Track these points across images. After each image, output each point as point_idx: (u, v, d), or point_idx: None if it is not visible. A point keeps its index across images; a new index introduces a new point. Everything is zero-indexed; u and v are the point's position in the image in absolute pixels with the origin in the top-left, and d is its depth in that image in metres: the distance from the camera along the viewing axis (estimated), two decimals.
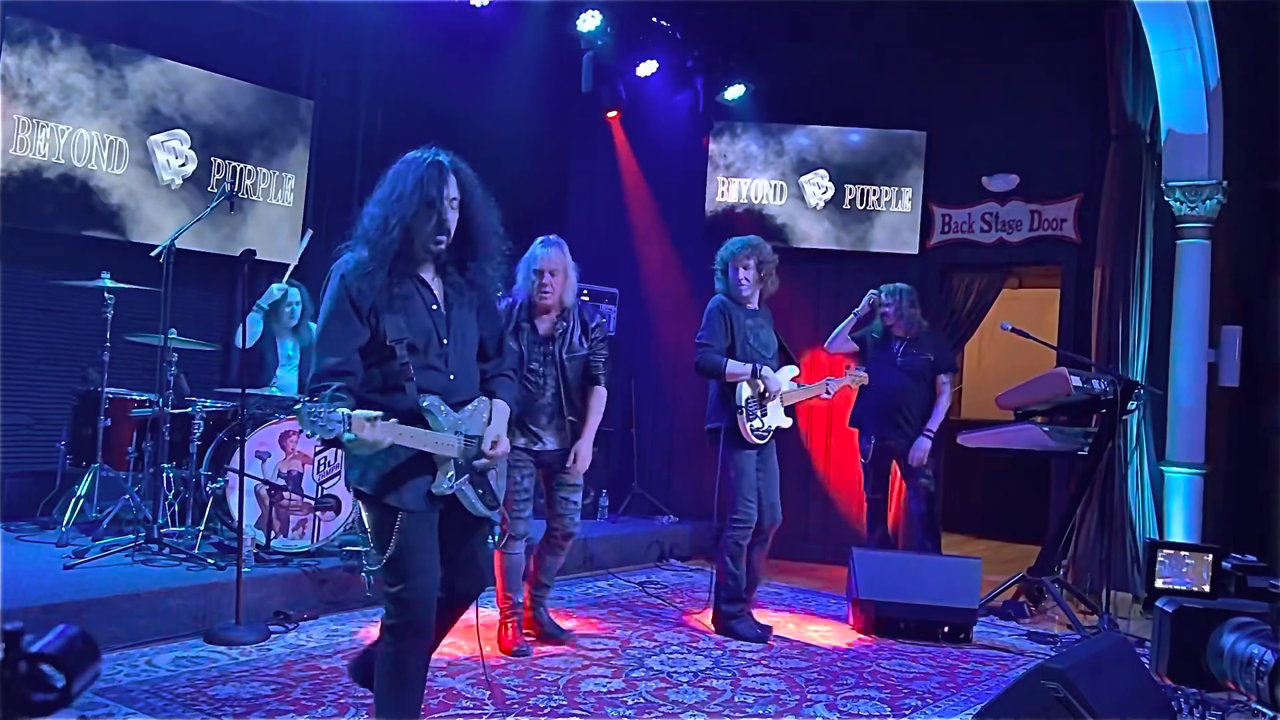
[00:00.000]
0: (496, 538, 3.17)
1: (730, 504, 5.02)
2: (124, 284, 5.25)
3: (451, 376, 2.84)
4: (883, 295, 6.10)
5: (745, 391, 4.98)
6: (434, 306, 2.84)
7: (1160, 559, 1.42)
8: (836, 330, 6.17)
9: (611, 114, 8.03)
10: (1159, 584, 1.37)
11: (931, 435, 6.03)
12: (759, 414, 5.01)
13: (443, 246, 2.81)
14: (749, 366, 4.98)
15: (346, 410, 2.52)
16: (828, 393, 5.33)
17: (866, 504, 6.21)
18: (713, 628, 5.12)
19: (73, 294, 5.56)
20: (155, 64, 6.20)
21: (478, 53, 7.40)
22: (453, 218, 2.80)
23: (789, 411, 5.18)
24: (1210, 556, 1.51)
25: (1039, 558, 5.94)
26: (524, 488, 4.60)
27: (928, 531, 6.10)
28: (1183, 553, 1.38)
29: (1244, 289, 6.76)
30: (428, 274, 2.86)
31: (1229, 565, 1.42)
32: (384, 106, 7.38)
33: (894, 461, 6.18)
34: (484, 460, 2.87)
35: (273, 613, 4.69)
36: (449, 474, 2.79)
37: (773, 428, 5.10)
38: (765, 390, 5.02)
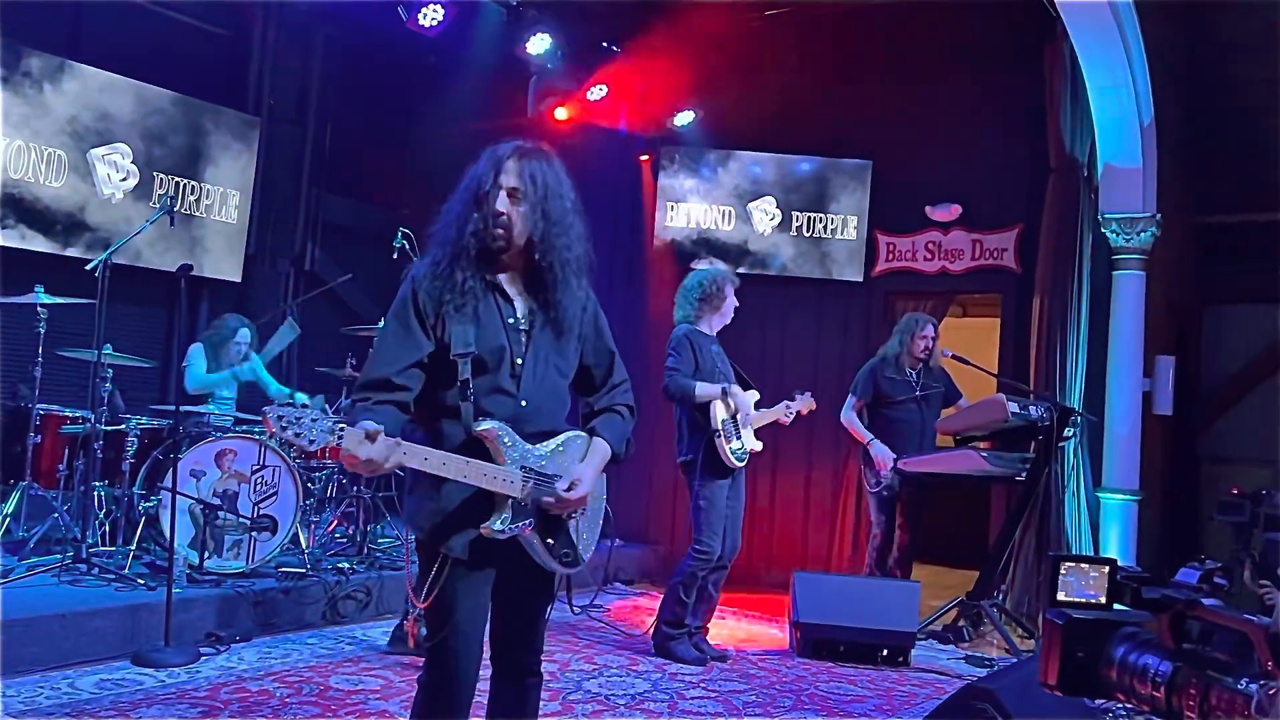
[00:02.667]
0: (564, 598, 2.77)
1: (695, 535, 5.04)
2: (58, 298, 5.14)
3: (523, 403, 2.42)
4: (929, 326, 6.04)
5: (721, 413, 4.99)
6: (510, 320, 2.45)
7: (1063, 571, 1.45)
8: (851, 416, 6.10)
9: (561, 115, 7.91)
10: (1061, 596, 1.39)
11: None
12: (736, 435, 5.03)
13: (502, 243, 2.41)
14: (718, 386, 5.00)
15: (343, 423, 2.13)
16: (788, 414, 5.36)
17: (879, 536, 6.04)
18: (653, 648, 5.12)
19: (4, 307, 5.43)
20: (96, 77, 6.12)
21: (427, 74, 7.39)
22: (511, 209, 2.41)
23: (756, 435, 5.22)
24: (1108, 569, 1.55)
25: (977, 582, 6.00)
26: None
27: (905, 561, 6.09)
28: (1084, 564, 1.42)
29: (1178, 319, 6.93)
30: (513, 287, 2.49)
31: (1120, 577, 1.46)
32: (332, 125, 7.35)
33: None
34: (550, 500, 2.41)
35: (204, 634, 4.60)
36: (504, 515, 2.36)
37: (749, 450, 5.12)
38: (736, 410, 5.05)
